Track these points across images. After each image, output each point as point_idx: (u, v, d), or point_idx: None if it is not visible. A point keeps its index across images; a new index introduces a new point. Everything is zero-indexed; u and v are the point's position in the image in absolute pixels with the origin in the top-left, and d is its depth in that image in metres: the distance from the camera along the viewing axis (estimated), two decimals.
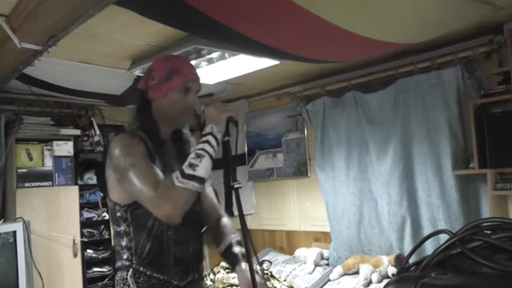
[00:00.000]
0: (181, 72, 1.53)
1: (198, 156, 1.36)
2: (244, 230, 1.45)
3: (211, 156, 1.39)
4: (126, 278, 1.45)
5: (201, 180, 1.34)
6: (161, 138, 1.55)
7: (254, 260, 1.50)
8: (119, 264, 1.51)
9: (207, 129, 1.44)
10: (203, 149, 1.38)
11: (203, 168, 1.35)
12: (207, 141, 1.40)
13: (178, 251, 1.51)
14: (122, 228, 1.48)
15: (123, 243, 1.48)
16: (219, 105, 1.50)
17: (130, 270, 1.46)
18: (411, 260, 1.28)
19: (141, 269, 1.46)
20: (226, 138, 1.47)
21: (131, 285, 1.44)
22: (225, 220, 1.71)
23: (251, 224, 4.38)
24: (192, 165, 1.34)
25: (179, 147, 1.62)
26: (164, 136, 1.58)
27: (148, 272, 1.46)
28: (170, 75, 1.51)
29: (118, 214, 1.48)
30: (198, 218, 1.62)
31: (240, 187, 1.48)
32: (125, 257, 1.48)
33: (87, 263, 3.76)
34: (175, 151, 1.59)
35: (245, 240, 1.45)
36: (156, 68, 1.55)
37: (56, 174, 3.69)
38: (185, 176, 1.32)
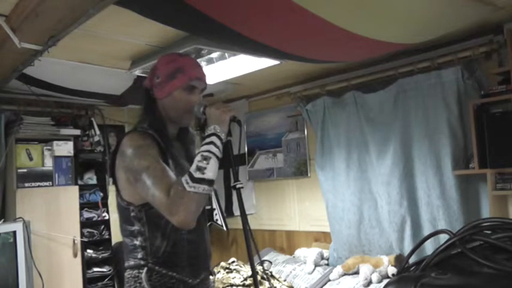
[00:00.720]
0: (186, 71, 1.52)
1: (205, 158, 1.35)
2: (246, 229, 1.45)
3: (217, 157, 1.38)
4: (138, 276, 1.45)
5: (210, 183, 1.33)
6: (169, 136, 1.55)
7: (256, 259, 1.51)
8: (131, 263, 1.49)
9: (211, 130, 1.42)
10: (209, 151, 1.37)
11: (211, 170, 1.34)
12: (212, 142, 1.39)
13: (192, 249, 1.51)
14: (136, 227, 1.47)
15: (137, 242, 1.47)
16: (220, 105, 1.49)
17: (145, 269, 1.45)
18: (411, 260, 1.28)
19: (157, 268, 1.45)
20: (228, 138, 1.47)
21: (144, 283, 1.43)
22: None
23: (251, 224, 4.38)
24: (200, 168, 1.33)
25: (186, 146, 1.62)
26: (171, 135, 1.58)
27: (163, 271, 1.45)
28: (174, 74, 1.51)
29: (132, 214, 1.47)
30: (206, 216, 1.63)
31: (242, 187, 1.49)
32: (139, 256, 1.47)
33: (87, 263, 3.76)
34: (182, 149, 1.60)
35: (247, 240, 1.45)
36: (160, 67, 1.55)
37: (56, 174, 3.68)
38: (195, 180, 1.31)
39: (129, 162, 1.41)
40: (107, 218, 3.96)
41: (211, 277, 1.65)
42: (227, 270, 3.59)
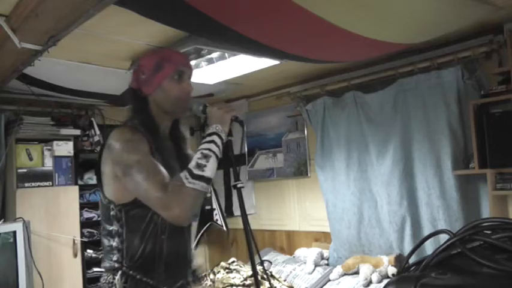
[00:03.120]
0: (171, 59, 1.51)
1: (205, 156, 1.34)
2: (246, 229, 1.45)
3: (217, 157, 1.37)
4: (112, 282, 1.40)
5: (208, 181, 1.32)
6: (160, 135, 1.52)
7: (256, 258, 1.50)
8: (106, 265, 1.45)
9: (212, 129, 1.41)
10: (209, 149, 1.36)
11: (210, 168, 1.33)
12: (213, 141, 1.38)
13: (170, 255, 1.46)
14: (114, 227, 1.42)
15: (114, 243, 1.42)
16: (222, 105, 1.48)
17: (119, 273, 1.40)
18: (411, 260, 1.28)
19: (131, 272, 1.40)
20: (228, 138, 1.46)
21: None
22: None
23: (251, 224, 4.38)
24: (200, 166, 1.32)
25: (177, 145, 1.59)
26: (162, 133, 1.55)
27: (137, 276, 1.40)
28: (160, 64, 1.49)
29: (112, 213, 1.43)
30: (190, 225, 1.58)
31: (243, 187, 1.48)
32: (114, 258, 1.42)
33: (87, 263, 3.76)
34: (173, 149, 1.57)
35: (248, 240, 1.45)
36: (144, 63, 1.53)
37: (56, 174, 3.68)
38: (194, 176, 1.30)
39: (117, 156, 1.38)
40: None
41: (207, 282, 1.62)
42: (227, 270, 3.59)
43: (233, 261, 3.76)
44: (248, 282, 3.37)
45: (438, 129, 3.01)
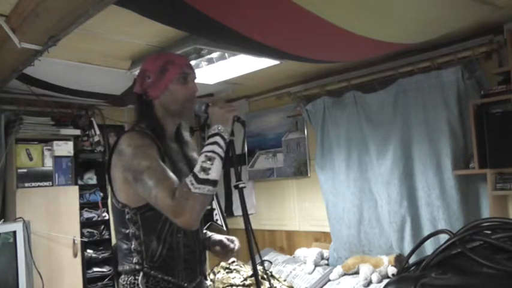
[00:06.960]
0: (175, 62, 1.52)
1: (209, 159, 1.34)
2: (248, 229, 1.45)
3: (221, 158, 1.36)
4: (135, 283, 1.42)
5: (214, 183, 1.32)
6: (167, 139, 1.53)
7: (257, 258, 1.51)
8: (126, 267, 1.46)
9: (214, 130, 1.41)
10: (213, 151, 1.36)
11: (215, 170, 1.33)
12: (216, 142, 1.38)
13: (187, 253, 1.50)
14: (131, 230, 1.44)
15: (132, 246, 1.44)
16: (224, 105, 1.49)
17: (141, 273, 1.42)
18: (411, 260, 1.28)
19: (152, 272, 1.43)
20: (230, 138, 1.46)
21: None
22: None
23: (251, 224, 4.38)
24: (204, 169, 1.31)
25: (182, 148, 1.60)
26: (169, 136, 1.56)
27: (159, 276, 1.43)
28: (165, 67, 1.50)
29: (127, 216, 1.44)
30: (202, 219, 1.62)
31: (245, 187, 1.48)
32: (134, 260, 1.44)
33: (87, 263, 3.76)
34: (180, 152, 1.58)
35: (249, 240, 1.45)
36: (148, 67, 1.54)
37: (56, 174, 3.68)
38: (199, 181, 1.30)
39: (127, 161, 1.39)
40: (106, 218, 3.95)
41: (207, 282, 1.65)
42: (227, 270, 3.59)
43: (233, 261, 3.76)
44: (248, 282, 3.37)
45: (438, 129, 3.01)
